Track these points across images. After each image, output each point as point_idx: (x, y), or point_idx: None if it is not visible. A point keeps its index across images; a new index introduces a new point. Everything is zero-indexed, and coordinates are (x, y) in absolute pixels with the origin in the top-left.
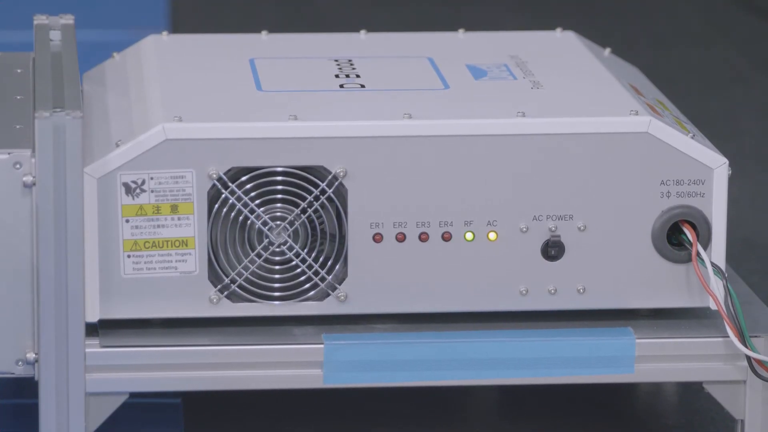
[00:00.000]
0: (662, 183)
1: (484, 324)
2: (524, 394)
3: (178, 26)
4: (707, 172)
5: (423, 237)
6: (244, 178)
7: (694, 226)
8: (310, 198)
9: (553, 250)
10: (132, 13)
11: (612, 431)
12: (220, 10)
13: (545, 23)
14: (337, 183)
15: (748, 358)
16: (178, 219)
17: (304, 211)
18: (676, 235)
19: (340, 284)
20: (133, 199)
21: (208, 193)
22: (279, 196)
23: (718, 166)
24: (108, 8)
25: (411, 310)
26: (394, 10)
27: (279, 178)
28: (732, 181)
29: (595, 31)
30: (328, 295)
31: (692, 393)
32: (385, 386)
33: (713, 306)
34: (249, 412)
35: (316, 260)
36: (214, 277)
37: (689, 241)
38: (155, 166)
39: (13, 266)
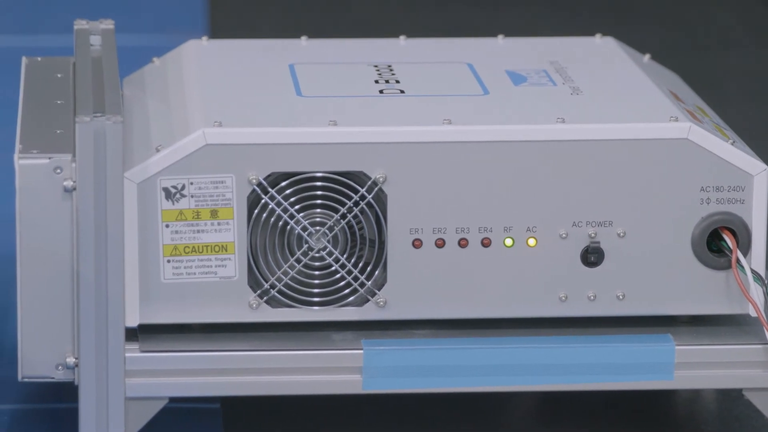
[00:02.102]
0: (702, 189)
1: (523, 330)
2: (563, 401)
3: (216, 31)
4: (747, 179)
5: (462, 243)
6: (283, 184)
7: (733, 233)
8: (349, 203)
9: (592, 256)
10: (171, 17)
11: None
12: (258, 15)
13: (584, 29)
14: (376, 189)
15: None
16: (218, 224)
17: (343, 216)
18: (716, 242)
19: (379, 290)
20: (173, 204)
21: (248, 198)
22: (318, 201)
23: (758, 172)
24: (147, 13)
25: (450, 316)
26: (433, 15)
27: (319, 183)
28: None
29: (635, 37)
30: (368, 300)
31: (732, 400)
32: (425, 392)
33: (753, 313)
34: (288, 417)
35: (355, 266)
36: (254, 283)
37: (729, 247)
38: (195, 171)
39: (53, 271)
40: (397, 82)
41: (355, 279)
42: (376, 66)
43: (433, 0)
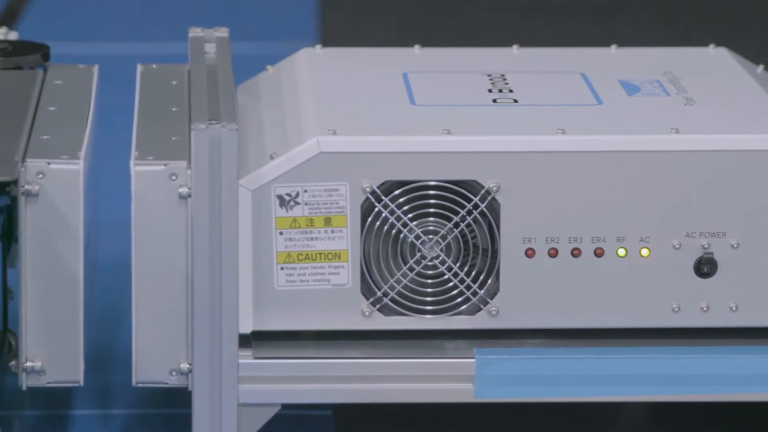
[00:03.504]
0: None
1: (636, 340)
2: (675, 411)
3: (327, 39)
4: None
5: (575, 252)
6: (397, 192)
7: None
8: (462, 212)
9: (705, 267)
10: (282, 25)
11: None
12: (368, 23)
13: (697, 39)
14: (489, 198)
15: None
16: (332, 232)
17: (456, 225)
18: None
19: (491, 299)
20: (287, 211)
21: (362, 206)
22: (432, 210)
23: None
24: (260, 21)
25: (562, 326)
26: (544, 24)
27: (432, 192)
28: None
29: (748, 48)
30: (480, 309)
31: None
32: (537, 401)
33: None
34: (399, 425)
35: (468, 274)
36: (367, 290)
37: None
38: (309, 179)
39: (167, 277)
40: (511, 91)
41: (468, 288)
42: (489, 75)
43: (545, 10)
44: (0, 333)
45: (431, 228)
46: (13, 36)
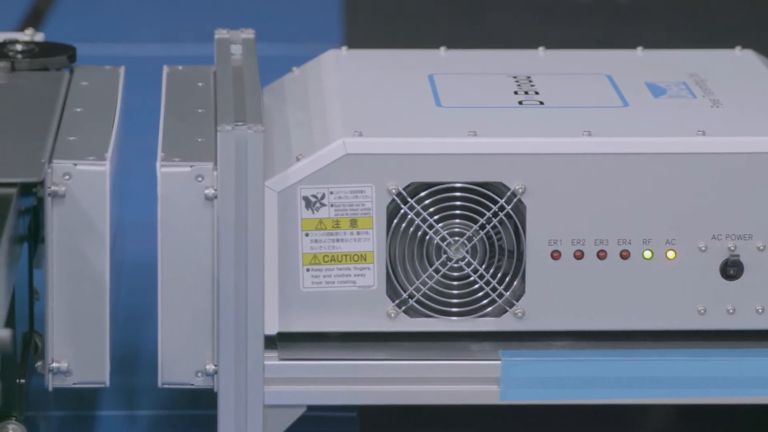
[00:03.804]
0: None
1: (662, 342)
2: (701, 414)
3: (352, 41)
4: None
5: (601, 254)
6: (423, 194)
7: None
8: (488, 214)
9: (732, 269)
10: (308, 27)
11: None
12: (393, 25)
13: (723, 42)
14: (515, 199)
15: None
16: (357, 233)
17: (482, 227)
18: None
19: (517, 301)
20: (313, 213)
21: (387, 207)
22: (458, 211)
23: None
24: (285, 23)
25: (588, 328)
26: (568, 26)
27: (458, 193)
28: None
29: None
30: (506, 311)
31: None
32: (562, 403)
33: None
34: (424, 427)
35: (494, 276)
36: (392, 292)
37: None
38: (335, 181)
39: (193, 278)
40: (537, 93)
41: (494, 290)
42: (515, 77)
43: (571, 12)
44: (26, 334)
45: (457, 230)
46: (39, 37)
